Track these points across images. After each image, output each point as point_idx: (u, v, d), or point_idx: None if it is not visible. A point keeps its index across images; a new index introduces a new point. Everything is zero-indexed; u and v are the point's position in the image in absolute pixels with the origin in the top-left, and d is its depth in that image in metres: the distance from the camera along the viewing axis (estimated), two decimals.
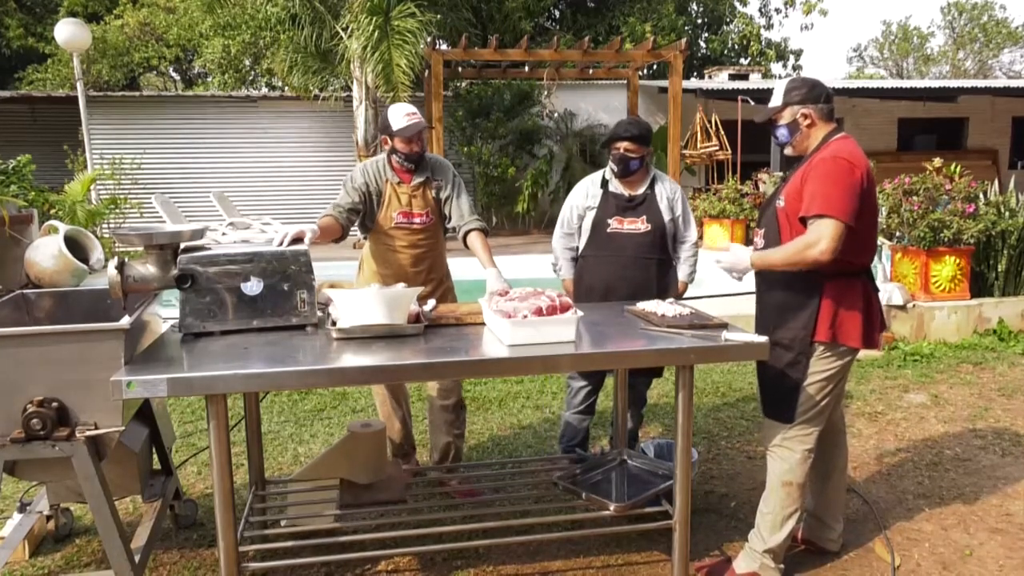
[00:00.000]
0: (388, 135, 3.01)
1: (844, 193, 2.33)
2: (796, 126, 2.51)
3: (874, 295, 2.55)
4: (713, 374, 4.97)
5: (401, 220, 3.05)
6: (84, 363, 2.11)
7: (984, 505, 3.14)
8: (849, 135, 2.52)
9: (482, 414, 4.26)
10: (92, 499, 2.18)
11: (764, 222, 2.62)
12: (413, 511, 2.85)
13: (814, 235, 2.33)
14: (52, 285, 2.89)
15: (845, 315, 2.44)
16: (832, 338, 2.44)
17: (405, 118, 2.96)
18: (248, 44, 12.90)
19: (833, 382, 2.51)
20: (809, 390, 2.49)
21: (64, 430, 2.14)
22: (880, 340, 2.56)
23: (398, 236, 3.07)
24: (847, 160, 2.37)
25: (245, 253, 2.46)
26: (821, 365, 2.48)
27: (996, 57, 30.54)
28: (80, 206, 7.90)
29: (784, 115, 2.53)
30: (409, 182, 3.07)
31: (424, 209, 3.07)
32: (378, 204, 3.07)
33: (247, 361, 2.12)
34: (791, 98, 2.51)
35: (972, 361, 5.27)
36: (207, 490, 3.32)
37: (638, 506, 2.63)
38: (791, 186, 2.48)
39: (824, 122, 2.50)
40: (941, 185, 5.91)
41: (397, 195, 3.05)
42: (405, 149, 2.99)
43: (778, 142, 2.60)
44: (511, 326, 2.23)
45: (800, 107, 2.49)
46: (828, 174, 2.37)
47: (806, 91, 2.50)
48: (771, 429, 2.58)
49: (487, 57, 10.46)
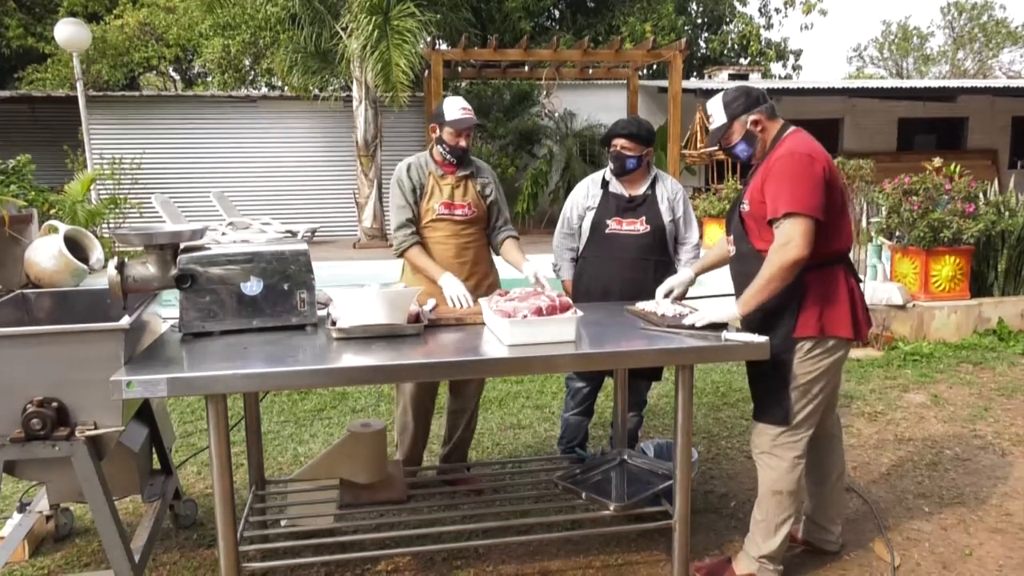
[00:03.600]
0: (439, 123, 3.00)
1: (807, 188, 2.29)
2: (751, 136, 2.46)
3: (856, 285, 2.49)
4: (713, 374, 4.97)
5: (443, 211, 3.03)
6: (84, 363, 2.11)
7: (984, 505, 3.14)
8: (800, 128, 2.48)
9: (482, 414, 4.25)
10: (92, 499, 2.18)
11: (732, 228, 2.58)
12: (413, 511, 2.85)
13: (784, 237, 2.29)
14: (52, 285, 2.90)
15: (830, 306, 2.39)
16: (820, 331, 2.39)
17: (460, 111, 2.97)
18: (248, 44, 12.91)
19: (825, 378, 2.45)
20: (801, 388, 2.43)
21: (64, 430, 2.13)
22: (867, 330, 2.53)
23: (440, 227, 3.05)
24: (805, 154, 2.34)
25: (245, 253, 2.46)
26: (811, 363, 2.42)
27: (996, 57, 30.56)
28: (80, 206, 7.89)
29: (735, 130, 2.47)
30: (453, 174, 3.07)
31: (466, 201, 3.07)
32: (421, 196, 3.05)
33: (247, 361, 2.12)
34: (734, 110, 2.45)
35: (972, 361, 5.27)
36: (207, 490, 3.31)
37: (638, 506, 2.63)
38: (752, 188, 2.43)
39: (772, 121, 2.46)
40: (941, 185, 5.91)
41: (440, 187, 3.04)
42: (452, 141, 2.99)
43: (741, 159, 2.54)
44: (511, 326, 2.23)
45: (747, 115, 2.45)
46: (787, 171, 2.33)
47: (744, 99, 2.45)
48: (760, 435, 2.53)
49: (487, 57, 10.47)
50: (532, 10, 14.84)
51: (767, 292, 2.33)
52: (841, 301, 2.41)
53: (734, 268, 2.62)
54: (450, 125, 2.96)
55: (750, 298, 2.36)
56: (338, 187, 12.76)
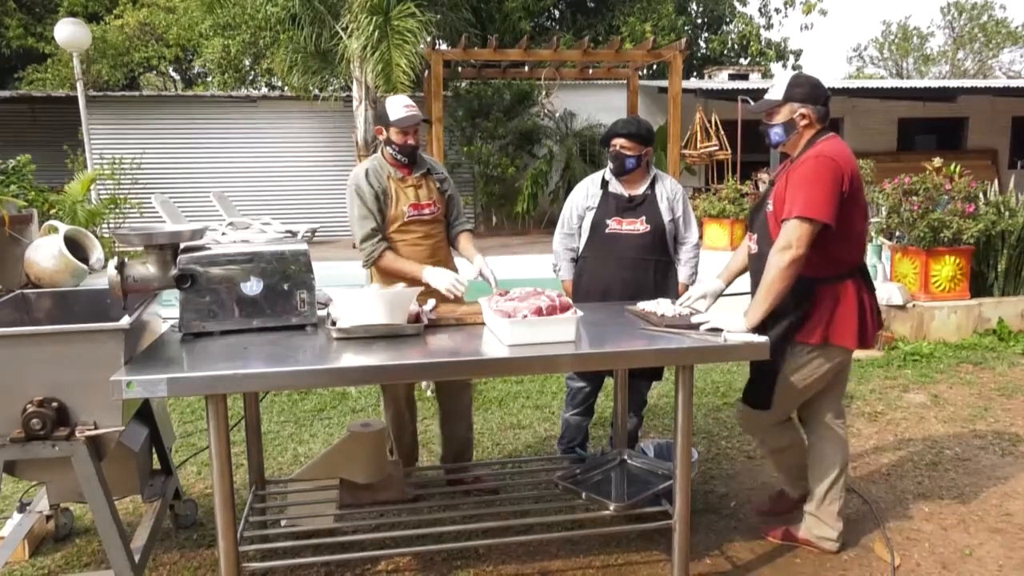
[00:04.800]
0: (384, 125, 2.99)
1: (823, 192, 2.31)
2: (793, 126, 2.48)
3: (868, 294, 2.52)
4: (713, 374, 4.97)
5: (413, 213, 3.03)
6: (84, 363, 2.11)
7: (984, 505, 3.14)
8: (837, 135, 2.50)
9: (482, 414, 4.26)
10: (92, 499, 2.18)
11: (756, 227, 2.60)
12: (413, 511, 2.85)
13: (783, 240, 2.33)
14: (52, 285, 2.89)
15: (838, 318, 2.44)
16: (824, 339, 2.44)
17: (403, 109, 2.96)
18: (248, 44, 12.90)
19: (822, 382, 2.55)
20: (794, 385, 2.53)
21: (64, 430, 2.14)
22: (875, 338, 2.57)
23: (412, 229, 3.05)
24: (830, 158, 2.36)
25: (245, 253, 2.46)
26: (812, 367, 2.49)
27: (996, 57, 30.56)
28: (80, 206, 7.90)
29: (782, 112, 2.49)
30: (411, 174, 3.06)
31: (431, 199, 3.08)
32: (386, 203, 3.03)
33: (247, 361, 2.12)
34: (793, 94, 2.46)
35: (972, 361, 5.27)
36: (207, 490, 3.31)
37: (638, 506, 2.64)
38: (778, 189, 2.46)
39: (819, 124, 2.48)
40: (941, 185, 5.91)
41: (402, 190, 3.04)
42: (400, 141, 2.98)
43: (771, 142, 2.56)
44: (511, 326, 2.23)
45: (800, 106, 2.46)
46: (809, 174, 2.35)
47: (809, 89, 2.46)
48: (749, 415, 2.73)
49: (487, 57, 10.45)
50: (532, 10, 14.84)
51: (771, 299, 2.36)
52: (850, 313, 2.44)
53: (754, 266, 2.64)
54: (395, 124, 2.94)
55: (756, 309, 2.38)
56: (338, 187, 12.73)
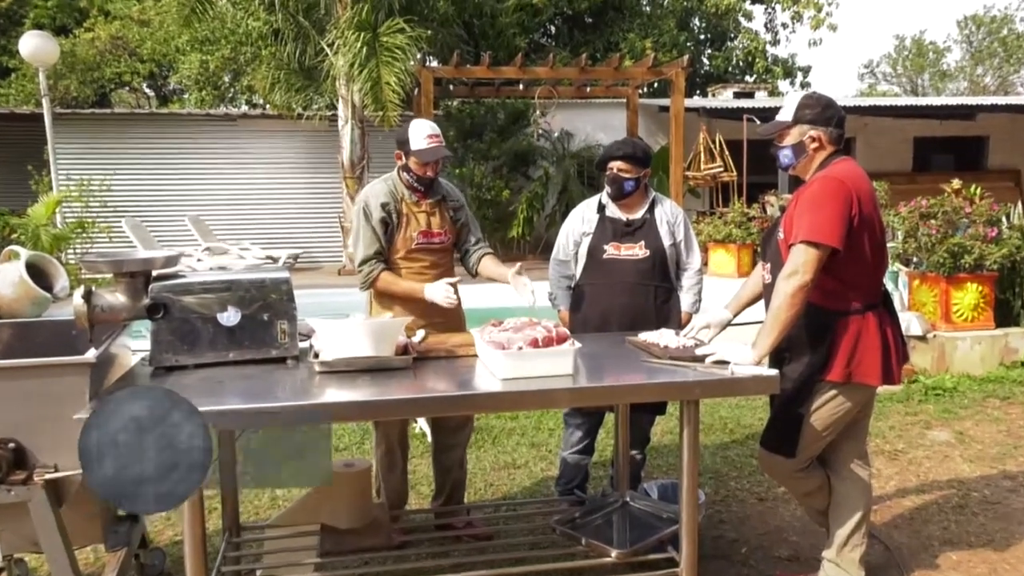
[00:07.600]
0: (404, 151, 3.00)
1: (830, 215, 2.34)
2: (802, 148, 2.50)
3: (892, 327, 2.54)
4: (721, 409, 4.96)
5: (422, 240, 3.05)
6: (45, 400, 2.10)
7: (1016, 552, 3.12)
8: (851, 158, 2.53)
9: (474, 452, 4.23)
10: (49, 549, 2.15)
11: (769, 256, 2.62)
12: (400, 558, 2.82)
13: (791, 266, 2.35)
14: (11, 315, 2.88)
15: (861, 354, 2.44)
16: (847, 378, 2.45)
17: (426, 140, 2.95)
18: (227, 60, 13.06)
19: (844, 422, 2.54)
20: (815, 427, 2.52)
21: (21, 473, 2.11)
22: (900, 373, 2.57)
23: (420, 257, 3.07)
24: (837, 179, 2.38)
25: (222, 281, 2.47)
26: (833, 406, 2.50)
27: (1017, 72, 31.05)
28: (44, 230, 7.90)
29: (792, 134, 2.52)
30: (426, 199, 3.08)
31: (443, 228, 3.10)
32: (397, 226, 3.04)
33: (222, 397, 2.11)
34: (802, 115, 2.49)
35: (999, 395, 5.27)
36: (176, 537, 3.27)
37: (641, 552, 2.62)
38: (787, 216, 2.49)
39: (830, 146, 2.51)
40: (960, 208, 5.96)
41: (415, 215, 3.05)
42: (419, 171, 3.00)
43: (780, 165, 2.59)
44: (505, 358, 2.23)
45: (811, 128, 2.49)
46: (815, 197, 2.39)
47: (819, 111, 2.49)
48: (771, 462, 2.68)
49: (480, 75, 10.58)
50: (527, 26, 15.07)
51: (779, 327, 2.36)
52: (873, 348, 2.45)
53: (768, 297, 2.64)
54: (416, 156, 2.96)
55: (764, 339, 2.38)
56: (322, 211, 12.79)
